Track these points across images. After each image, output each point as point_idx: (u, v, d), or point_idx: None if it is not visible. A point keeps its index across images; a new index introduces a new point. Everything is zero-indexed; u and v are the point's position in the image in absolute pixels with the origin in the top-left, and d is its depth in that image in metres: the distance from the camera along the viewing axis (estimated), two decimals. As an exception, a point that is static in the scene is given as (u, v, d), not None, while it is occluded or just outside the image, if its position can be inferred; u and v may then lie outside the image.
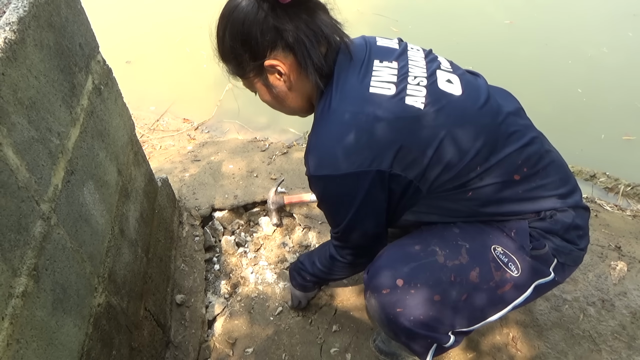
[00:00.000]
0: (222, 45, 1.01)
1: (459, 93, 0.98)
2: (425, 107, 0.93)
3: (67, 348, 0.87)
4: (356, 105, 0.93)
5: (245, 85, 1.08)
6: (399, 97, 0.93)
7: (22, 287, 0.75)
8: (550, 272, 1.04)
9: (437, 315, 1.00)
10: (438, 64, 1.04)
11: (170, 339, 1.46)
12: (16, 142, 0.77)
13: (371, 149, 0.92)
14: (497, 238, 1.04)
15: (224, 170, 2.10)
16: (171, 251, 1.64)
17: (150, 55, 3.47)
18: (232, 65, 1.04)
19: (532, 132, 1.05)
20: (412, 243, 1.07)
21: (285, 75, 0.98)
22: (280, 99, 1.06)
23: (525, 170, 1.00)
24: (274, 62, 0.96)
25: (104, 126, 1.17)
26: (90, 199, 1.03)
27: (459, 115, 0.96)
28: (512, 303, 1.04)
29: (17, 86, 0.80)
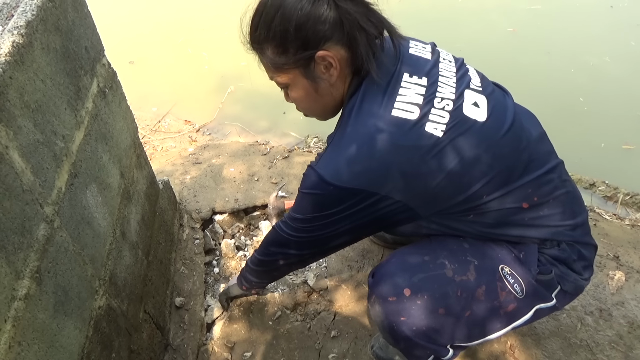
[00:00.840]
0: (267, 29, 0.94)
1: (484, 119, 0.95)
2: (443, 135, 0.91)
3: (68, 350, 0.87)
4: (376, 127, 0.91)
5: (277, 78, 1.02)
6: (419, 124, 0.91)
7: (24, 289, 0.75)
8: (553, 298, 1.05)
9: (439, 328, 1.00)
10: (468, 80, 1.01)
11: (169, 342, 1.46)
12: (22, 145, 0.78)
13: (376, 173, 0.91)
14: (506, 258, 1.04)
15: (225, 173, 2.10)
16: (171, 254, 1.65)
17: (153, 55, 3.48)
18: (275, 53, 0.96)
19: (552, 160, 1.03)
20: (421, 253, 1.06)
21: (333, 69, 0.95)
22: (318, 95, 1.01)
23: (536, 199, 0.99)
24: (327, 53, 0.92)
25: (107, 129, 1.18)
26: (92, 202, 1.04)
27: (477, 143, 0.93)
28: (512, 324, 1.05)
29: (23, 89, 0.80)
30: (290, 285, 1.66)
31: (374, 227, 1.07)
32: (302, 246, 1.12)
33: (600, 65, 3.20)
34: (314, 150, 2.64)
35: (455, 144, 0.91)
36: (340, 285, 1.65)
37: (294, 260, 1.21)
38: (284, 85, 1.04)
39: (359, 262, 1.72)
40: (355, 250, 1.76)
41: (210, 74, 3.32)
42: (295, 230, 1.07)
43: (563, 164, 1.08)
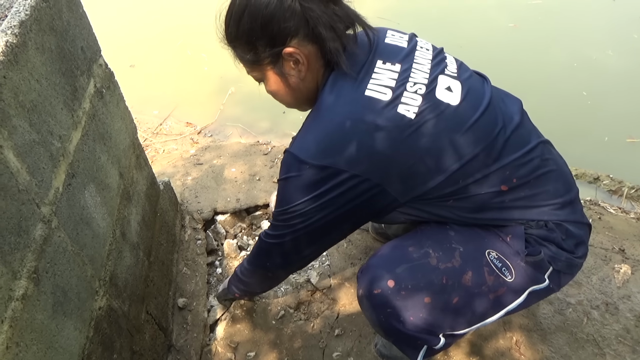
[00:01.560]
0: (237, 27, 0.97)
1: (457, 102, 0.96)
2: (415, 117, 0.91)
3: (68, 351, 0.87)
4: (348, 105, 0.92)
5: (251, 73, 1.05)
6: (392, 105, 0.91)
7: (22, 290, 0.74)
8: (545, 279, 1.03)
9: (426, 317, 1.00)
10: (444, 67, 1.01)
11: (172, 343, 1.45)
12: (17, 145, 0.77)
13: (351, 151, 0.90)
14: (493, 242, 1.03)
15: (226, 174, 2.10)
16: (173, 254, 1.64)
17: (153, 59, 3.48)
18: (245, 50, 1.00)
19: (533, 141, 1.03)
20: (406, 244, 1.06)
21: (301, 64, 0.96)
22: (290, 89, 1.03)
23: (515, 181, 0.99)
24: (293, 50, 0.94)
25: (105, 129, 1.17)
26: (91, 202, 1.03)
27: (449, 127, 0.94)
28: (504, 308, 1.04)
29: (18, 89, 0.80)
30: (293, 284, 1.65)
31: (358, 216, 1.03)
32: (288, 248, 1.09)
33: (603, 59, 3.18)
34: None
35: (428, 125, 0.92)
36: (344, 284, 1.64)
37: (281, 266, 1.18)
38: (258, 79, 1.07)
39: (361, 260, 1.71)
40: (358, 248, 1.75)
41: (210, 75, 3.32)
42: (279, 229, 1.05)
43: (547, 143, 1.08)
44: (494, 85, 1.08)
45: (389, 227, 1.70)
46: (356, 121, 0.91)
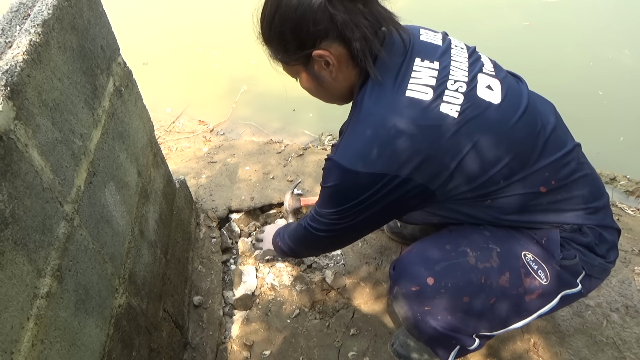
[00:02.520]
0: (269, 29, 0.99)
1: (498, 101, 0.95)
2: (459, 116, 0.90)
3: (89, 349, 0.87)
4: (390, 108, 0.91)
5: (286, 70, 1.06)
6: (434, 104, 0.90)
7: (46, 287, 0.75)
8: (578, 283, 1.03)
9: (464, 317, 0.99)
10: (481, 65, 1.01)
11: (188, 341, 1.46)
12: (41, 144, 0.77)
13: (396, 155, 0.90)
14: (527, 245, 1.02)
15: (240, 172, 2.10)
16: (189, 252, 1.64)
17: (165, 56, 3.50)
18: (276, 51, 1.01)
19: (569, 143, 1.02)
20: (442, 242, 1.05)
21: (332, 66, 0.96)
22: (323, 88, 1.04)
23: (554, 183, 0.98)
24: (323, 52, 0.94)
25: (124, 128, 1.18)
26: (111, 200, 1.04)
27: (493, 125, 0.93)
28: (537, 311, 1.03)
29: (41, 88, 0.80)
30: (308, 283, 1.65)
31: (399, 211, 1.05)
32: (334, 238, 1.15)
33: (619, 58, 3.14)
34: (328, 148, 2.62)
35: (471, 125, 0.91)
36: (359, 283, 1.64)
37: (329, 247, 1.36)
38: (292, 76, 1.08)
39: (376, 260, 1.71)
40: (373, 247, 1.75)
41: (221, 73, 3.33)
42: (325, 225, 1.09)
43: (580, 147, 1.06)
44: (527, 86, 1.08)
45: (404, 226, 1.69)
46: (399, 124, 0.90)
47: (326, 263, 1.71)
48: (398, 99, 0.91)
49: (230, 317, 1.58)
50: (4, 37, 0.81)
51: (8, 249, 0.66)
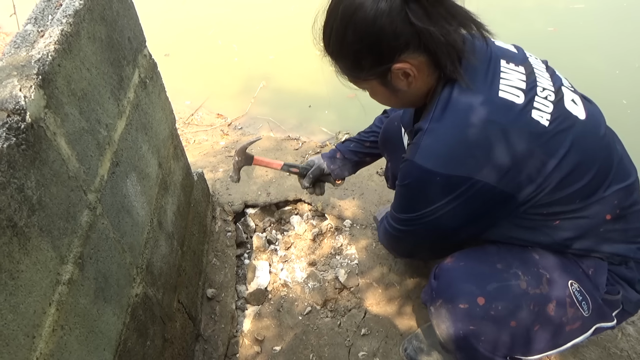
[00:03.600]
0: (339, 45, 0.92)
1: (584, 117, 0.92)
2: (549, 125, 0.87)
3: (106, 336, 0.89)
4: (484, 109, 0.87)
5: (353, 83, 1.01)
6: (526, 109, 0.86)
7: (68, 274, 0.76)
8: (614, 317, 1.01)
9: (507, 340, 0.97)
10: (560, 79, 0.98)
11: (200, 332, 1.47)
12: (68, 133, 0.79)
13: (484, 159, 0.86)
14: (575, 273, 1.00)
15: (257, 168, 2.10)
16: (204, 245, 1.66)
17: (186, 48, 3.52)
18: (348, 67, 0.95)
19: (633, 174, 0.99)
20: (493, 260, 1.01)
21: (411, 77, 0.91)
22: (396, 97, 0.98)
23: (619, 212, 0.95)
24: (403, 65, 0.88)
25: (147, 119, 1.19)
26: (132, 191, 1.05)
27: (581, 141, 0.89)
28: (573, 340, 1.01)
29: (71, 77, 0.82)
30: (321, 280, 1.65)
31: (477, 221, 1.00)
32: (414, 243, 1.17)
33: (646, 67, 3.08)
34: (346, 146, 2.62)
35: (560, 136, 0.87)
36: (372, 284, 1.63)
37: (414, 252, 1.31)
38: (361, 88, 1.02)
39: (389, 260, 1.70)
40: (387, 249, 1.74)
41: (240, 67, 3.33)
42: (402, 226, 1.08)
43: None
44: None
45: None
46: (491, 126, 0.86)
47: (340, 262, 1.71)
48: (492, 100, 0.87)
49: (243, 311, 1.59)
50: (36, 26, 0.82)
51: (34, 235, 0.67)
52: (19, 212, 0.64)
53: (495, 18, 3.65)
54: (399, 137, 1.32)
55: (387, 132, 1.42)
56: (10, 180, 0.62)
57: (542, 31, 3.43)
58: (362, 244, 1.77)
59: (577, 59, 3.16)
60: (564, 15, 3.62)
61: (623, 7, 3.71)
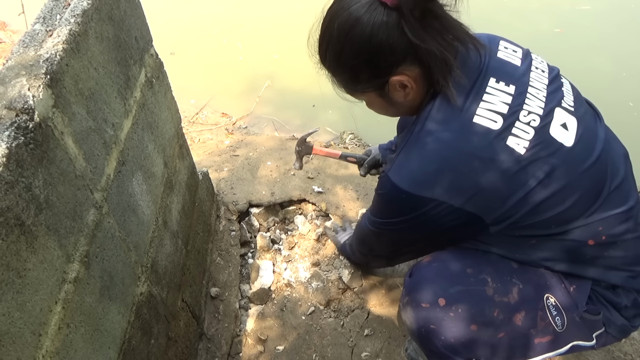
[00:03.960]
0: (336, 60, 0.93)
1: (571, 144, 0.89)
2: (525, 153, 0.86)
3: (111, 335, 0.89)
4: (453, 134, 0.88)
5: (350, 94, 1.02)
6: (501, 136, 0.86)
7: (74, 273, 0.77)
8: (593, 338, 1.00)
9: (467, 344, 0.97)
10: (560, 97, 0.94)
11: (203, 331, 1.48)
12: (75, 132, 0.79)
13: (450, 184, 0.88)
14: (553, 288, 0.98)
15: (261, 167, 2.11)
16: (208, 244, 1.66)
17: (191, 47, 3.53)
18: (345, 80, 0.97)
19: (631, 200, 0.95)
20: (465, 264, 1.01)
21: (409, 88, 0.92)
22: (393, 107, 1.00)
23: (604, 238, 0.93)
24: (401, 78, 0.89)
25: (153, 119, 1.19)
26: (138, 190, 1.05)
27: (562, 169, 0.88)
28: (544, 354, 1.00)
29: (78, 77, 0.82)
30: (324, 280, 1.66)
31: (445, 236, 1.03)
32: (382, 243, 1.21)
33: (652, 69, 3.07)
34: (350, 146, 2.62)
35: (536, 166, 0.86)
36: (375, 284, 1.64)
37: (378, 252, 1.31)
38: (357, 99, 1.04)
39: (394, 262, 1.70)
40: (391, 250, 1.74)
41: (245, 65, 3.34)
42: (374, 226, 1.13)
43: None
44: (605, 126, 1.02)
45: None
46: (460, 153, 0.87)
47: (343, 262, 1.71)
48: (464, 125, 0.87)
49: (246, 310, 1.60)
50: (45, 25, 0.82)
51: (41, 233, 0.68)
52: (26, 211, 0.64)
53: (502, 19, 3.67)
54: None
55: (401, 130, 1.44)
56: (19, 179, 0.63)
57: (548, 32, 3.42)
58: (366, 244, 1.77)
59: (583, 61, 3.15)
60: (570, 16, 3.61)
61: (630, 9, 3.69)
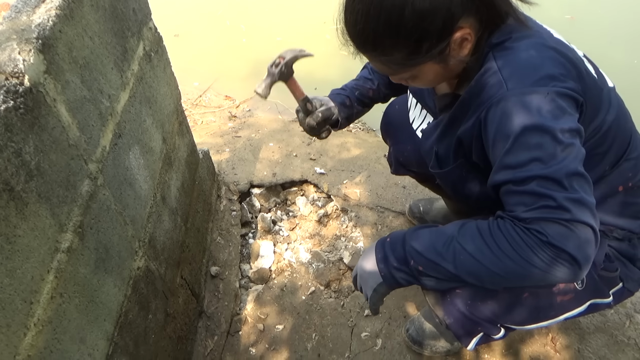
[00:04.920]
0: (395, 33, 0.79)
1: (611, 85, 0.91)
2: (598, 78, 0.86)
3: (107, 307, 0.88)
4: (553, 40, 0.82)
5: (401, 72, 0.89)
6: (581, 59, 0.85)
7: (67, 242, 0.76)
8: (610, 295, 0.99)
9: (495, 306, 0.95)
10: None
11: (203, 309, 1.48)
12: (69, 100, 0.78)
13: (569, 71, 0.79)
14: None
15: (263, 148, 2.10)
16: (208, 223, 1.66)
17: (195, 28, 3.50)
18: (403, 55, 0.83)
19: None
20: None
21: (467, 41, 0.81)
22: (447, 73, 0.89)
23: (630, 185, 0.93)
24: (464, 31, 0.79)
25: (152, 93, 1.17)
26: (135, 164, 1.04)
27: (614, 102, 0.87)
28: (564, 314, 0.99)
29: (72, 45, 0.80)
30: (325, 262, 1.65)
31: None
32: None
33: (664, 55, 3.00)
34: (353, 130, 2.60)
35: (605, 93, 0.86)
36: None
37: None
38: (406, 78, 0.92)
39: (395, 244, 1.69)
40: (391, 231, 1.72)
41: (248, 48, 3.31)
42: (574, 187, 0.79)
43: None
44: None
45: (427, 212, 1.66)
46: (564, 54, 0.81)
47: (344, 244, 1.70)
48: (554, 37, 0.84)
49: (246, 289, 1.60)
50: (37, -10, 0.80)
51: (32, 200, 0.67)
52: (16, 177, 0.63)
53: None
54: (401, 120, 1.29)
55: (388, 116, 1.39)
56: (8, 143, 0.61)
57: (559, 19, 3.35)
58: (367, 226, 1.75)
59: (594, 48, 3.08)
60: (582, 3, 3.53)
61: (642, -6, 3.61)
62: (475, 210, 1.07)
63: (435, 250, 0.85)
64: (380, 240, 0.99)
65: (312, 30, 3.35)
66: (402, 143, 1.34)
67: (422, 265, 0.87)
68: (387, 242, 0.96)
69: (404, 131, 1.28)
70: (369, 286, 0.97)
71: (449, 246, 0.83)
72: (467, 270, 0.81)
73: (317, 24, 3.35)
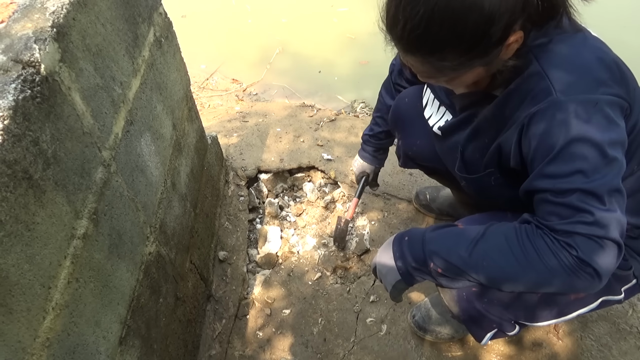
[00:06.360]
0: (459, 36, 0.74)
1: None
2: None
3: (120, 291, 0.90)
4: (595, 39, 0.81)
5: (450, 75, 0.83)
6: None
7: (83, 229, 0.77)
8: (622, 292, 1.00)
9: (510, 304, 0.97)
10: None
11: (211, 293, 1.50)
12: (83, 88, 0.78)
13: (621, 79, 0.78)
14: None
15: (271, 133, 2.10)
16: (217, 209, 1.67)
17: (202, 9, 3.47)
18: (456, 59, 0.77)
19: None
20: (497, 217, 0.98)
21: (515, 43, 0.76)
22: (487, 74, 0.84)
23: None
24: (517, 35, 0.75)
25: (162, 79, 1.18)
26: (146, 150, 1.05)
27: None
28: (577, 311, 1.00)
29: (85, 32, 0.81)
30: (331, 247, 1.66)
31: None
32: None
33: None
34: (360, 115, 2.59)
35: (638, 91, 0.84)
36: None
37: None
38: (444, 80, 0.87)
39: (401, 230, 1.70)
40: (399, 218, 1.74)
41: (255, 30, 3.28)
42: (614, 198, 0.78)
43: None
44: None
45: (433, 200, 1.67)
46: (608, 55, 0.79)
47: (352, 232, 1.72)
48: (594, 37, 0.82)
49: (254, 274, 1.62)
50: (51, -22, 0.80)
51: (49, 188, 0.68)
52: (34, 165, 0.64)
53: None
54: (411, 114, 1.27)
55: (398, 110, 1.36)
56: (26, 132, 0.62)
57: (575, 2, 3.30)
58: (374, 212, 1.76)
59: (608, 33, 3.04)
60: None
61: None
62: (485, 206, 1.07)
63: (457, 254, 0.84)
64: (398, 236, 0.98)
65: (319, 13, 3.32)
66: (412, 137, 1.33)
67: (442, 268, 0.86)
68: (404, 240, 0.95)
69: (414, 125, 1.27)
70: (388, 282, 0.98)
71: (472, 252, 0.82)
72: (489, 276, 0.81)
73: (324, 7, 3.32)
